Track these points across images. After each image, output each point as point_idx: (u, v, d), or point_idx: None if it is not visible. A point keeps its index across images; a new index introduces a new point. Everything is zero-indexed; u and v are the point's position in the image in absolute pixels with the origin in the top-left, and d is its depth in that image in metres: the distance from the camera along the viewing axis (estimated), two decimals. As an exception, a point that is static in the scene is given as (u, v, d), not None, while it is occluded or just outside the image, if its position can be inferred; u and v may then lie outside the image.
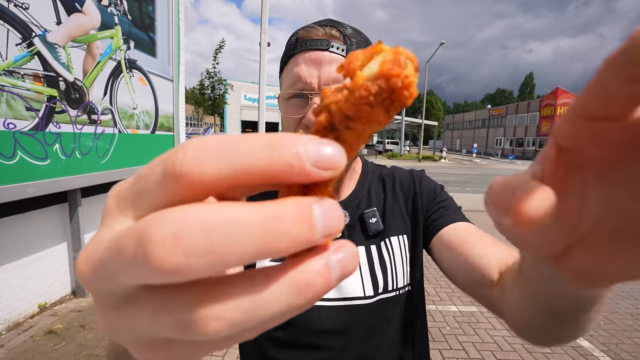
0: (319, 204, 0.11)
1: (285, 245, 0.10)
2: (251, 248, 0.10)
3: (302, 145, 0.11)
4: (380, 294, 0.51)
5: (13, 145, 1.96)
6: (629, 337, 2.30)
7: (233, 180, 0.11)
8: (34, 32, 2.08)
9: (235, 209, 0.10)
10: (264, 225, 0.10)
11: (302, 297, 0.11)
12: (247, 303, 0.11)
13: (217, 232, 0.10)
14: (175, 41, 3.70)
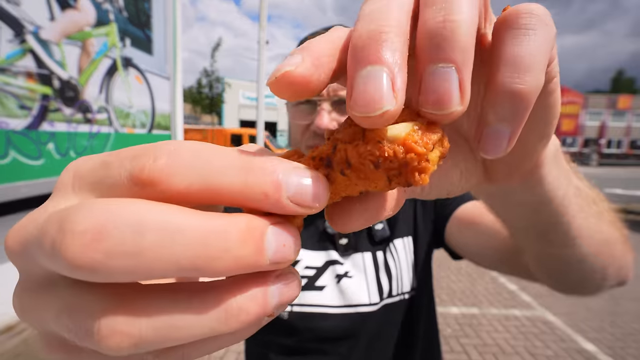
0: (275, 228, 0.11)
1: (224, 265, 0.09)
2: (185, 260, 0.09)
3: (283, 174, 0.10)
4: (385, 300, 0.51)
5: (5, 144, 1.93)
6: (635, 341, 2.26)
7: (201, 198, 0.10)
8: (26, 28, 2.04)
9: (179, 213, 0.10)
10: (206, 238, 0.09)
11: (229, 324, 0.10)
12: (163, 322, 0.10)
13: (149, 234, 0.09)
14: (172, 39, 3.66)
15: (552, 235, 0.27)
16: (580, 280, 0.33)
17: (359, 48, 0.11)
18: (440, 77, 0.11)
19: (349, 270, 0.52)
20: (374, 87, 0.10)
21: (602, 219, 0.30)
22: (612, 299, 2.89)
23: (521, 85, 0.12)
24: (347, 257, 0.52)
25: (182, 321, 0.10)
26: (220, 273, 0.10)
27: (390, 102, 0.10)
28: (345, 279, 0.51)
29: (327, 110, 0.48)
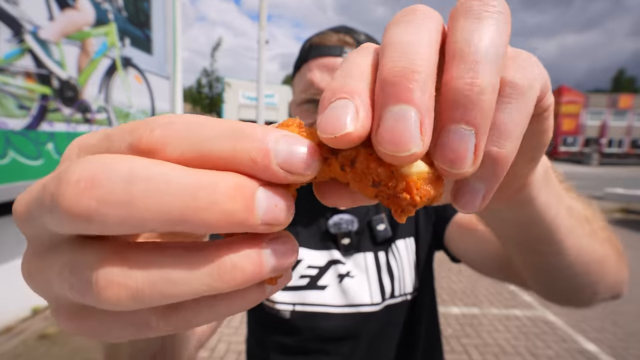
0: (265, 188, 0.11)
1: (214, 217, 0.10)
2: (174, 211, 0.09)
3: (273, 142, 0.11)
4: (387, 300, 0.51)
5: (4, 144, 1.93)
6: (637, 341, 2.25)
7: (194, 164, 0.10)
8: (25, 28, 2.04)
9: (170, 167, 0.10)
10: (194, 189, 0.10)
11: (224, 280, 0.10)
12: (158, 275, 0.10)
13: (139, 183, 0.09)
14: (171, 38, 3.65)
15: (543, 250, 0.28)
16: (571, 293, 0.33)
17: (390, 83, 0.11)
18: (460, 138, 0.11)
19: (351, 270, 0.52)
20: (403, 127, 0.10)
21: (595, 237, 0.30)
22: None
23: (502, 150, 0.13)
24: (349, 257, 0.52)
25: (176, 275, 0.10)
26: (209, 226, 0.10)
27: (418, 144, 0.11)
28: (347, 279, 0.51)
29: None
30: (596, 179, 12.56)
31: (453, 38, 0.12)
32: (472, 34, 0.12)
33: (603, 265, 0.31)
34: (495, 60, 0.12)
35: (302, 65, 0.53)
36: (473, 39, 0.12)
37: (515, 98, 0.13)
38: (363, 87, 0.12)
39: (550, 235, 0.26)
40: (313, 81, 0.49)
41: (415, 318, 0.53)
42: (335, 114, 0.11)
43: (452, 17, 0.13)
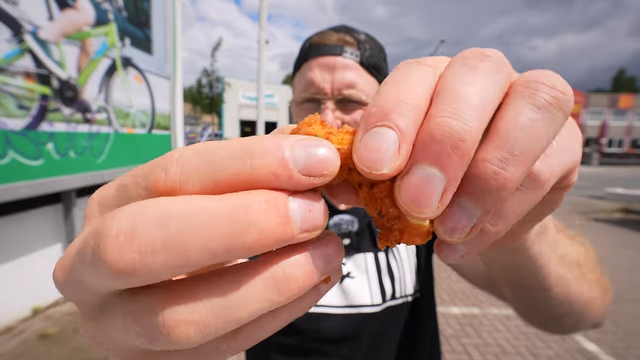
0: (296, 197, 0.11)
1: (253, 240, 0.10)
2: (213, 242, 0.09)
3: (289, 150, 0.10)
4: (388, 302, 0.51)
5: (4, 144, 1.93)
6: (637, 341, 2.25)
7: (220, 190, 0.10)
8: (24, 28, 2.03)
9: (198, 198, 0.10)
10: (228, 216, 0.10)
11: (281, 292, 0.11)
12: (218, 302, 0.10)
13: (173, 223, 0.09)
14: (171, 38, 3.65)
15: (531, 289, 0.29)
16: (552, 325, 0.35)
17: (434, 141, 0.11)
18: (466, 215, 0.11)
19: (351, 270, 0.52)
20: (428, 191, 0.11)
21: (583, 281, 0.31)
22: (614, 299, 2.88)
23: (493, 228, 0.13)
24: (350, 258, 0.52)
25: (236, 299, 0.10)
26: (252, 249, 0.10)
27: (433, 210, 0.11)
28: (347, 280, 0.51)
29: (331, 109, 0.49)
30: (596, 179, 12.55)
31: (505, 114, 0.11)
32: (524, 123, 0.11)
33: (588, 305, 0.33)
34: (533, 157, 0.11)
35: (302, 64, 0.52)
36: (522, 130, 0.11)
37: (529, 189, 0.12)
38: (412, 122, 0.11)
39: (539, 281, 0.26)
40: (313, 80, 0.49)
41: (416, 320, 0.53)
42: (376, 146, 0.10)
43: (509, 94, 0.12)
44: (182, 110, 3.90)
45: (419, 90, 0.11)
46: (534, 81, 0.12)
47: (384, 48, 0.55)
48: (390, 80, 0.12)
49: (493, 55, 0.12)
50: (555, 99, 0.11)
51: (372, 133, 0.11)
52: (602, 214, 6.36)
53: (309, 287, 0.11)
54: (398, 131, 0.11)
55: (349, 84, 0.48)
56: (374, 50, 0.52)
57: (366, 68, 0.50)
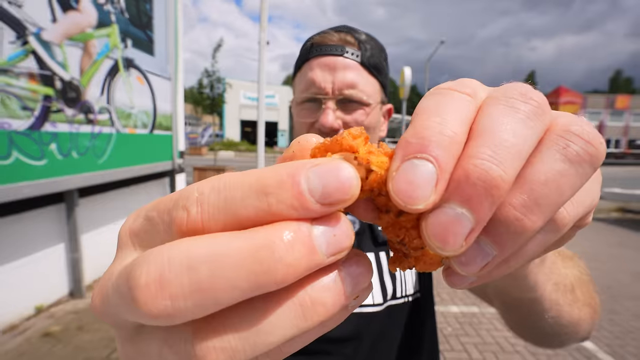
0: (318, 224, 0.11)
1: (282, 274, 0.10)
2: (242, 282, 0.10)
3: (304, 181, 0.10)
4: (389, 301, 0.51)
5: (8, 145, 1.94)
6: (634, 339, 2.28)
7: (243, 227, 0.11)
8: (28, 30, 2.05)
9: (222, 239, 0.10)
10: (254, 255, 0.10)
11: (309, 317, 0.10)
12: (247, 330, 0.10)
13: (201, 267, 0.09)
14: (173, 39, 3.67)
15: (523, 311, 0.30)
16: (541, 340, 0.37)
17: (469, 184, 0.11)
18: (482, 254, 0.11)
19: None
20: (456, 231, 0.10)
21: (576, 304, 0.33)
22: (610, 298, 2.90)
23: (505, 266, 0.13)
24: None
25: (264, 326, 0.10)
26: (281, 282, 0.10)
27: (457, 251, 0.11)
28: None
29: (332, 109, 0.49)
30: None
31: (536, 163, 0.11)
32: (553, 176, 0.11)
33: (578, 325, 0.34)
34: (556, 207, 0.11)
35: (303, 64, 0.52)
36: (551, 182, 0.11)
37: (548, 232, 0.12)
38: (452, 157, 0.11)
39: (533, 306, 0.28)
40: (314, 80, 0.49)
41: (416, 319, 0.53)
42: (415, 181, 0.10)
43: (543, 141, 0.12)
44: (183, 110, 3.91)
45: (458, 122, 0.11)
46: (569, 132, 0.11)
47: (384, 48, 0.55)
48: (429, 107, 0.12)
49: (537, 99, 0.12)
50: (589, 155, 0.11)
51: (411, 165, 0.10)
52: (600, 214, 6.40)
53: (337, 309, 0.11)
54: (437, 166, 0.10)
55: (350, 84, 0.48)
56: (375, 51, 0.51)
57: (367, 68, 0.50)
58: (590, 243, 4.53)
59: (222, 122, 17.74)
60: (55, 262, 2.56)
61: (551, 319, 0.31)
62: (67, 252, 2.63)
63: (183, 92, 4.00)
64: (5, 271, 2.21)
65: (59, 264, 2.59)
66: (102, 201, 2.95)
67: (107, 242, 3.08)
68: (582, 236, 4.82)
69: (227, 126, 17.85)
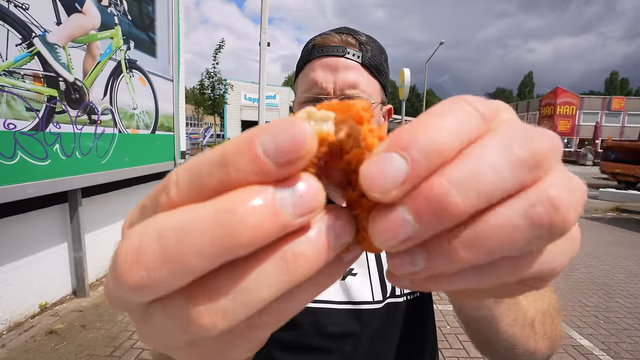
0: (284, 185, 0.10)
1: (246, 236, 0.10)
2: (208, 246, 0.10)
3: (259, 144, 0.10)
4: (389, 298, 0.51)
5: (13, 145, 1.96)
6: (629, 336, 2.31)
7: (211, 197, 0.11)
8: (34, 32, 2.08)
9: (189, 208, 0.10)
10: (217, 219, 0.10)
11: (293, 270, 0.11)
12: (234, 289, 0.11)
13: (169, 235, 0.10)
14: (175, 41, 3.69)
15: (483, 333, 0.33)
16: (496, 359, 0.40)
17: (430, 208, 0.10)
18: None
19: (353, 267, 0.52)
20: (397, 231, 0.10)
21: (532, 337, 0.35)
22: (606, 296, 2.95)
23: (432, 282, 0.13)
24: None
25: (250, 284, 0.10)
26: (249, 244, 0.10)
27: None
28: (349, 277, 0.51)
29: None
30: (590, 179, 12.66)
31: (500, 208, 0.10)
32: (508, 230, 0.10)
33: (533, 355, 0.36)
34: (494, 256, 0.11)
35: (305, 65, 0.52)
36: (501, 234, 0.10)
37: (482, 276, 0.12)
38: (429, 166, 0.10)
39: (492, 335, 0.31)
40: (316, 80, 0.49)
41: (416, 318, 0.53)
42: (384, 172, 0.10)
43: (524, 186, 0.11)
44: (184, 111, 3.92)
45: (454, 137, 0.11)
46: (546, 192, 0.10)
47: (384, 50, 0.55)
48: (436, 112, 0.11)
49: (539, 150, 0.11)
50: (550, 221, 0.10)
51: (390, 157, 0.10)
52: (596, 213, 6.45)
53: (321, 262, 0.11)
54: (411, 167, 0.10)
55: (352, 84, 0.49)
56: (376, 52, 0.52)
57: (368, 69, 0.51)
58: (586, 242, 4.58)
59: (224, 122, 17.73)
60: (59, 261, 2.58)
61: (504, 349, 0.33)
62: (70, 251, 2.65)
63: (184, 93, 4.02)
64: (11, 270, 2.23)
65: (63, 262, 2.61)
66: (105, 201, 2.97)
67: (110, 241, 3.10)
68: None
69: (229, 127, 17.85)
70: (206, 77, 12.19)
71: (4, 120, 1.91)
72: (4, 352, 1.96)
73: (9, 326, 2.18)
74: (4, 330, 2.15)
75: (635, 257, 3.94)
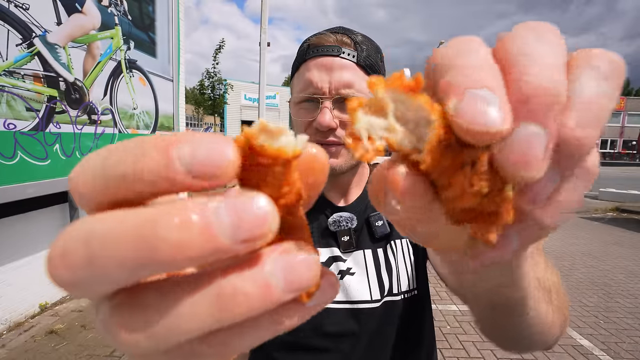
0: (223, 201, 0.09)
1: (168, 254, 0.09)
2: (129, 260, 0.09)
3: (175, 150, 0.09)
4: (386, 297, 0.51)
5: (13, 145, 1.96)
6: (629, 336, 2.31)
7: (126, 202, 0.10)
8: (34, 32, 2.08)
9: (120, 214, 0.09)
10: (138, 231, 0.09)
11: (229, 310, 0.09)
12: (161, 311, 0.10)
13: (94, 241, 0.09)
14: (175, 41, 3.70)
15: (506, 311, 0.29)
16: (510, 343, 0.37)
17: (536, 102, 0.10)
18: (546, 181, 0.11)
19: (351, 267, 0.52)
20: (536, 149, 0.10)
21: (551, 306, 0.32)
22: (606, 296, 2.95)
23: (548, 218, 0.13)
24: (349, 254, 0.53)
25: (178, 312, 0.10)
26: (171, 264, 0.09)
27: (540, 172, 0.10)
28: (347, 276, 0.51)
29: (329, 108, 0.49)
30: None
31: (577, 84, 0.11)
32: (599, 96, 0.11)
33: (551, 328, 0.34)
34: (602, 124, 0.11)
35: (300, 65, 0.52)
36: (597, 98, 0.11)
37: (580, 179, 0.12)
38: (500, 84, 0.10)
39: (519, 302, 0.27)
40: (312, 80, 0.49)
41: (413, 317, 0.53)
42: (481, 106, 0.10)
43: (573, 66, 0.12)
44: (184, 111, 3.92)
45: (484, 56, 0.11)
46: (595, 55, 0.12)
47: (380, 49, 0.55)
48: (457, 49, 0.12)
49: (554, 29, 0.12)
50: (618, 70, 0.12)
51: (472, 95, 0.10)
52: (596, 213, 6.46)
53: (266, 305, 0.10)
54: (493, 91, 0.10)
55: (347, 83, 0.49)
56: (371, 51, 0.52)
57: (363, 68, 0.51)
58: (586, 242, 4.58)
59: (224, 122, 17.75)
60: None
61: (532, 319, 0.30)
62: (70, 252, 2.64)
63: (184, 93, 4.02)
64: (11, 270, 2.23)
65: (62, 263, 2.61)
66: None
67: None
68: (580, 235, 4.87)
69: (229, 127, 17.85)
70: (206, 77, 12.21)
71: (4, 120, 1.91)
72: (4, 352, 1.96)
73: (9, 326, 2.18)
74: (4, 330, 2.15)
75: (635, 257, 3.94)
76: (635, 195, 7.20)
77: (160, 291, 0.10)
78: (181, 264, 0.09)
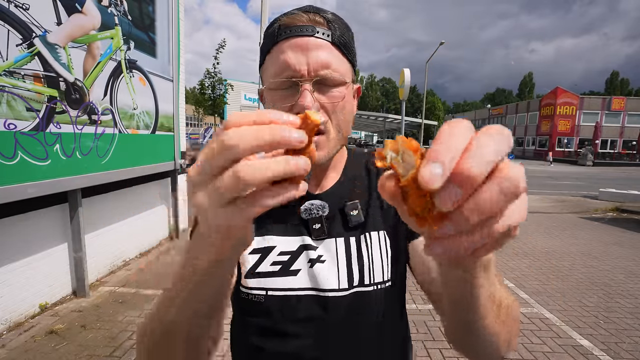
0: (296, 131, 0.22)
1: (276, 141, 0.21)
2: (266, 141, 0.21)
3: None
4: (355, 287, 0.50)
5: (14, 145, 1.97)
6: (629, 336, 2.32)
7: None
8: (34, 32, 2.08)
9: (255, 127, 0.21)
10: (269, 129, 0.21)
11: (290, 170, 0.21)
12: (257, 169, 0.20)
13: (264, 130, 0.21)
14: (175, 41, 3.70)
15: (467, 317, 0.33)
16: (466, 349, 0.40)
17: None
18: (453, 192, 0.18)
19: (322, 254, 0.51)
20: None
21: (497, 321, 0.35)
22: (606, 296, 2.95)
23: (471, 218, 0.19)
24: (320, 242, 0.52)
25: (264, 164, 0.21)
26: (272, 146, 0.21)
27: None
28: (318, 264, 0.51)
29: (310, 91, 0.46)
30: (590, 179, 12.68)
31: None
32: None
33: (497, 337, 0.36)
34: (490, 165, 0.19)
35: (272, 48, 0.49)
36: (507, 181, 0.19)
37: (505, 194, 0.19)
38: (454, 160, 0.18)
39: (473, 312, 0.32)
40: (288, 62, 0.46)
41: (388, 307, 0.52)
42: (431, 173, 0.18)
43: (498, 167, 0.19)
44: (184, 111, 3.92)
45: (462, 141, 0.19)
46: (507, 172, 0.19)
47: (350, 27, 0.53)
48: (444, 132, 0.19)
49: (506, 134, 0.19)
50: (515, 189, 0.18)
51: (431, 165, 0.18)
52: (596, 213, 6.46)
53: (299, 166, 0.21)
54: (444, 167, 0.17)
55: (324, 63, 0.47)
56: (344, 30, 0.50)
57: (338, 47, 0.49)
58: (586, 242, 4.59)
59: (223, 122, 17.70)
60: (59, 261, 2.58)
61: (480, 329, 0.34)
62: (70, 251, 2.65)
63: (184, 93, 4.02)
64: (11, 270, 2.23)
65: (63, 263, 2.61)
66: (105, 201, 2.98)
67: (110, 241, 3.10)
68: (580, 235, 4.87)
69: (228, 126, 17.79)
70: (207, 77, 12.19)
71: (5, 120, 1.92)
72: (4, 352, 1.96)
73: (9, 326, 2.18)
74: (4, 330, 2.15)
75: (635, 257, 3.95)
76: (635, 195, 7.21)
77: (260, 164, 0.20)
78: (276, 147, 0.21)
